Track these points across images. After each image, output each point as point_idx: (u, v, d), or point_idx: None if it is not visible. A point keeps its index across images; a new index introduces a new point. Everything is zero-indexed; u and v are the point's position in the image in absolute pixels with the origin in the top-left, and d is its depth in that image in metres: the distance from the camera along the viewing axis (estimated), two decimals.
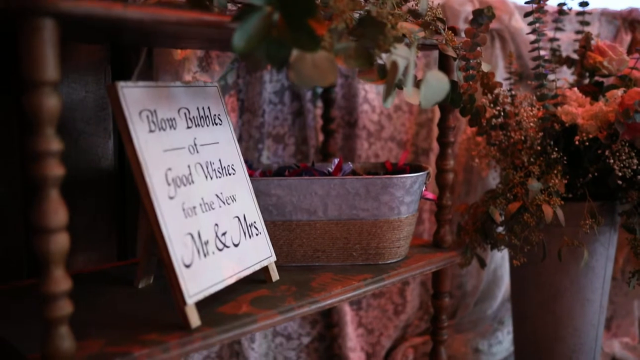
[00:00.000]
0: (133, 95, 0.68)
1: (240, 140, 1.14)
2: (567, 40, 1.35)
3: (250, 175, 0.96)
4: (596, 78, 1.10)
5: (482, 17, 0.79)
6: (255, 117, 1.13)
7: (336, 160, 0.97)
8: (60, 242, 0.55)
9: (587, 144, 0.98)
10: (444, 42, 0.86)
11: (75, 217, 0.94)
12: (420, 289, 1.39)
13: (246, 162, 1.01)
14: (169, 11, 0.60)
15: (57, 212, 0.55)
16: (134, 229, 1.00)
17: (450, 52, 0.86)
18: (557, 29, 1.18)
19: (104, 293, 0.80)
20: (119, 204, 0.98)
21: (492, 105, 1.01)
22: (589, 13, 1.19)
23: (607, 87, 1.06)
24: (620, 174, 0.96)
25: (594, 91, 1.06)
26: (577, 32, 1.21)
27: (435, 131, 1.23)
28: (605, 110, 0.99)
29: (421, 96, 0.66)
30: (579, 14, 1.22)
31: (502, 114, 1.00)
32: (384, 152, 1.27)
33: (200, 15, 0.63)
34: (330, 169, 0.96)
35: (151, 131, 0.69)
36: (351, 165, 0.97)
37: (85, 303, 0.76)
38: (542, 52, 1.01)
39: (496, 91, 0.99)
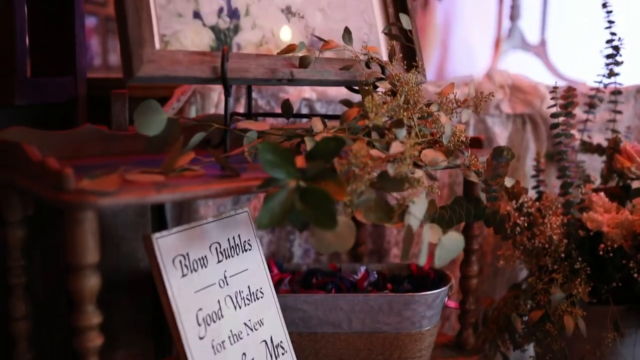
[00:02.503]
0: (167, 244, 0.74)
1: (272, 230, 1.19)
2: (600, 121, 1.35)
3: (280, 279, 1.01)
4: (624, 180, 1.11)
5: (501, 157, 0.81)
6: None
7: (362, 269, 1.01)
8: None
9: (611, 255, 0.99)
10: (466, 167, 0.89)
11: (115, 315, 1.00)
12: None
13: (276, 262, 1.06)
14: (198, 187, 0.65)
15: None
16: None
17: (473, 178, 0.88)
18: (587, 120, 1.19)
19: None
20: (157, 303, 1.04)
21: (517, 210, 1.03)
22: (619, 92, 1.19)
23: (635, 190, 1.06)
24: None
25: (621, 195, 1.06)
26: (612, 112, 1.21)
27: None
28: (631, 220, 0.99)
29: (436, 258, 0.69)
30: (613, 93, 1.22)
31: (528, 220, 1.02)
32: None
33: (228, 184, 0.67)
34: (356, 276, 1.00)
35: (184, 275, 0.75)
36: (376, 275, 1.00)
37: None
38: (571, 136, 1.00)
39: (521, 200, 1.01)
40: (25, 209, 0.81)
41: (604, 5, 1.21)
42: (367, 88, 0.82)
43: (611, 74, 1.15)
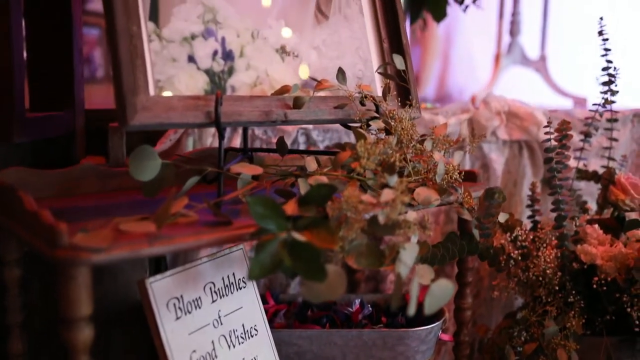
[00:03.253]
0: (161, 288, 0.75)
1: None
2: (597, 146, 1.36)
3: (276, 311, 1.02)
4: (619, 211, 1.11)
5: (493, 199, 0.82)
6: None
7: (357, 301, 1.01)
8: None
9: (604, 288, 1.00)
10: (459, 204, 0.90)
11: (113, 345, 1.01)
12: None
13: (272, 292, 1.07)
14: (189, 238, 0.66)
15: None
16: None
17: (466, 216, 0.89)
18: (583, 148, 1.19)
19: None
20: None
21: (511, 241, 1.03)
22: (615, 120, 1.20)
23: (629, 222, 1.07)
24: (638, 322, 0.97)
25: (615, 227, 1.07)
26: (608, 139, 1.22)
27: None
28: (624, 253, 1.00)
29: (426, 306, 0.70)
30: (609, 120, 1.22)
31: (522, 251, 1.03)
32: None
33: (220, 234, 0.68)
34: (351, 309, 1.01)
35: (177, 318, 0.76)
36: (370, 308, 1.01)
37: None
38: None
39: (515, 233, 1.02)
40: (22, 248, 0.82)
41: (600, 33, 1.21)
42: (359, 130, 0.83)
43: (606, 102, 1.16)
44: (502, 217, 0.96)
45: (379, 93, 0.97)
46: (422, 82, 2.87)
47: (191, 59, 0.80)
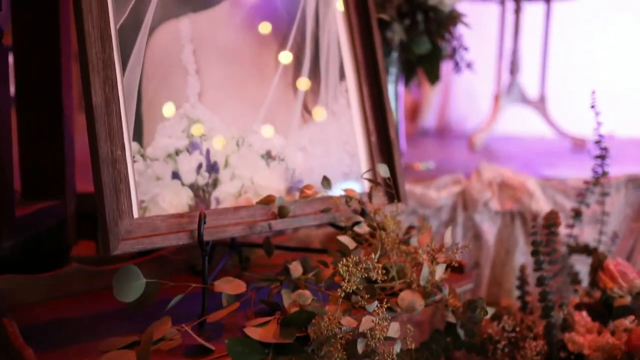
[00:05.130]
0: None
1: None
2: (591, 214, 1.35)
3: None
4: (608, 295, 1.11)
5: (474, 313, 0.83)
6: None
7: None
8: None
9: None
10: (445, 304, 0.90)
11: None
12: None
13: None
14: None
15: None
16: None
17: (450, 318, 0.90)
18: (572, 225, 1.19)
19: None
20: None
21: (501, 330, 1.04)
22: (607, 194, 1.20)
23: (617, 309, 1.07)
24: None
25: (604, 314, 1.07)
26: (600, 203, 1.22)
27: None
28: (611, 344, 1.00)
29: None
30: (602, 194, 1.23)
31: (510, 340, 1.03)
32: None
33: None
34: None
35: None
36: None
37: None
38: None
39: (502, 324, 1.02)
40: None
41: (592, 107, 1.21)
42: (343, 242, 0.84)
43: (596, 182, 1.16)
44: (490, 311, 0.96)
45: (367, 188, 0.98)
46: (422, 113, 2.87)
47: (175, 175, 0.80)
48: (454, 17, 1.25)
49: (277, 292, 0.84)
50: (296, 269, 0.86)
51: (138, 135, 0.78)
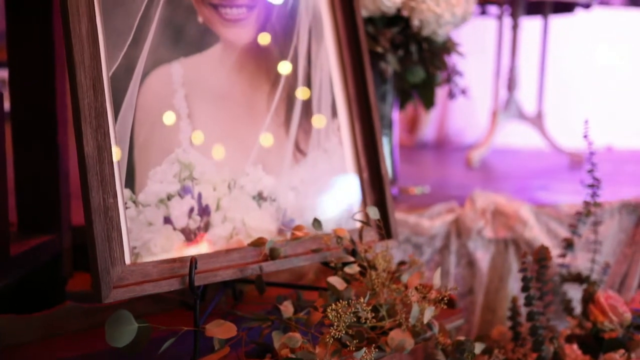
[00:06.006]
0: None
1: None
2: (584, 240, 1.36)
3: None
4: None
5: (464, 354, 0.84)
6: None
7: None
8: None
9: None
10: (435, 343, 0.91)
11: None
12: None
13: None
14: None
15: None
16: None
17: (440, 357, 0.91)
18: (565, 254, 1.20)
19: None
20: None
21: None
22: (600, 222, 1.21)
23: (607, 343, 1.08)
24: None
25: (594, 347, 1.08)
26: (591, 250, 1.23)
27: None
28: None
29: None
30: (594, 224, 1.23)
31: None
32: None
33: None
34: None
35: None
36: None
37: None
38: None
39: (493, 359, 1.03)
40: None
41: (585, 137, 1.22)
42: (332, 283, 0.85)
43: (588, 213, 1.17)
44: (478, 349, 0.97)
45: (358, 224, 0.99)
46: (421, 125, 2.88)
47: (167, 220, 0.81)
48: (447, 48, 1.25)
49: (268, 333, 0.85)
50: (287, 309, 0.87)
51: (130, 182, 0.79)
